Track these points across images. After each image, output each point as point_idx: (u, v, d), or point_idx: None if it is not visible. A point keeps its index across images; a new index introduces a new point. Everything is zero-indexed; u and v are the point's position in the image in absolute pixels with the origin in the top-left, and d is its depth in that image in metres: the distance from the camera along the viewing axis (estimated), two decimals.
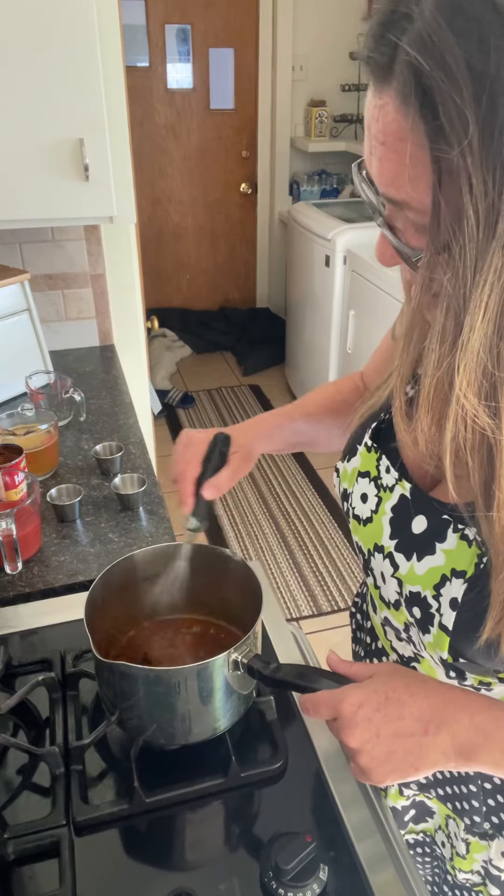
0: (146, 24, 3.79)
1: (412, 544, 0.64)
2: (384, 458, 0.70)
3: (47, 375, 1.59)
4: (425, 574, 0.62)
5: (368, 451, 0.72)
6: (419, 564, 0.63)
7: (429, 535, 0.62)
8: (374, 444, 0.72)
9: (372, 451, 0.72)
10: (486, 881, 0.75)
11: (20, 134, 1.35)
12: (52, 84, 1.32)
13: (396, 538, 0.66)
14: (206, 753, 0.79)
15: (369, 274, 2.83)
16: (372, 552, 0.69)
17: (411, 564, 0.64)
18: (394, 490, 0.67)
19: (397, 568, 0.65)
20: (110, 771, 0.79)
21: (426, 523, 0.63)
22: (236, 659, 0.73)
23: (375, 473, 0.70)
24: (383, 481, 0.69)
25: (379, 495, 0.69)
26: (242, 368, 4.29)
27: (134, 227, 1.88)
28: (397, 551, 0.66)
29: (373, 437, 0.72)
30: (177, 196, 4.30)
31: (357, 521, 0.72)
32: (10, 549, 1.04)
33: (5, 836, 0.70)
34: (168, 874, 0.69)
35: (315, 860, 0.66)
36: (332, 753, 0.81)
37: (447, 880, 0.81)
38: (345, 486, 0.74)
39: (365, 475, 0.71)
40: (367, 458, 0.72)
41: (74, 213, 1.46)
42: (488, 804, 0.72)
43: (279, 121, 4.06)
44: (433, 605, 0.61)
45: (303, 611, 2.46)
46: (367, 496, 0.71)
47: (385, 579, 0.68)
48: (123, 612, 0.86)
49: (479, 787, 0.71)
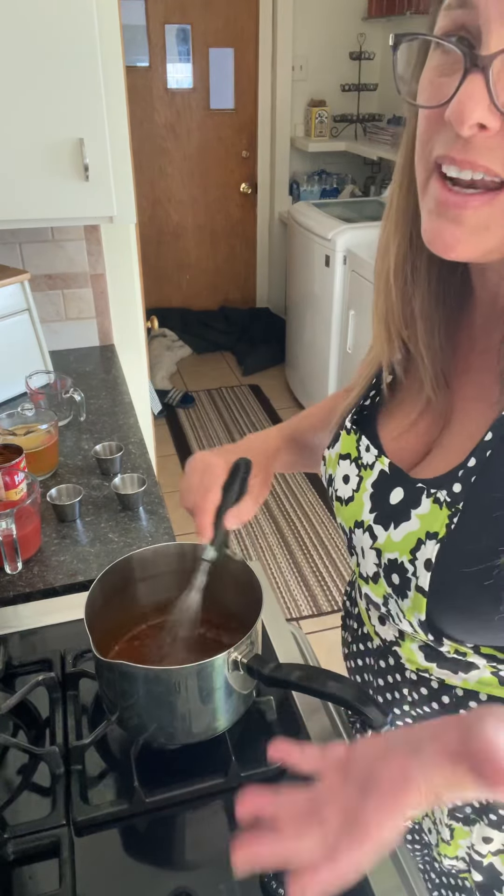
0: (146, 24, 3.79)
1: (390, 514, 0.66)
2: (364, 438, 0.72)
3: (47, 375, 1.59)
4: (402, 540, 0.64)
5: (348, 434, 0.74)
6: (396, 532, 0.65)
7: (405, 503, 0.64)
8: (354, 427, 0.73)
9: (352, 433, 0.73)
10: (470, 868, 0.75)
11: (20, 134, 1.35)
12: (52, 84, 1.32)
13: (376, 511, 0.68)
14: (206, 753, 0.79)
15: (369, 274, 2.83)
16: (353, 529, 0.71)
17: (388, 533, 0.65)
18: (374, 467, 0.69)
19: (376, 539, 0.67)
20: (110, 771, 0.79)
21: (403, 494, 0.65)
22: (236, 659, 0.73)
23: (356, 454, 0.72)
24: (363, 460, 0.71)
25: (360, 474, 0.70)
26: (242, 368, 4.29)
27: (134, 227, 1.88)
28: (376, 523, 0.67)
29: (352, 421, 0.74)
30: (177, 196, 4.30)
31: (340, 502, 0.73)
32: (10, 549, 1.04)
33: (5, 836, 0.70)
34: (168, 874, 0.69)
35: None
36: None
37: (434, 867, 0.82)
38: (329, 472, 0.76)
39: (346, 457, 0.73)
40: (347, 440, 0.74)
41: (74, 213, 1.46)
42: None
43: (279, 121, 4.06)
44: (409, 569, 0.62)
45: (303, 611, 2.46)
46: (348, 477, 0.72)
47: (364, 553, 0.69)
48: (124, 611, 0.86)
49: None
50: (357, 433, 0.73)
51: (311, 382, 3.59)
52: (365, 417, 0.74)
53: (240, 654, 0.73)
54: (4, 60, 1.28)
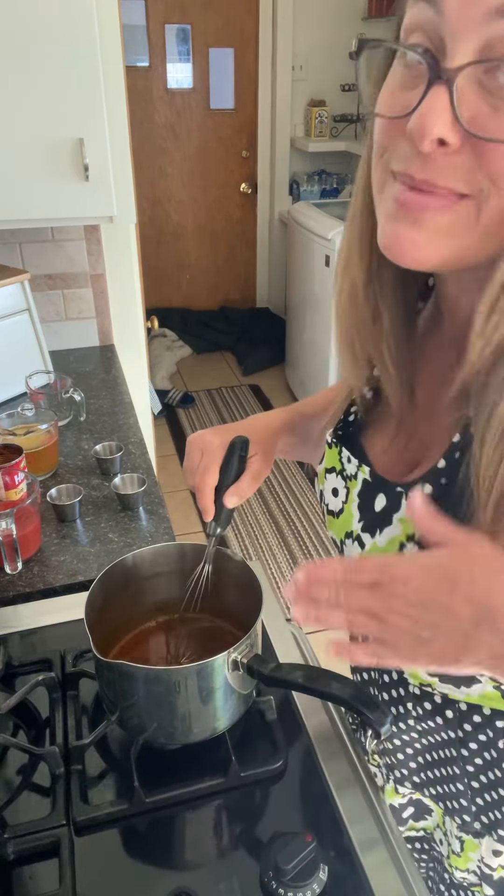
0: (146, 24, 3.79)
1: (375, 521, 0.66)
2: (345, 450, 0.71)
3: (47, 375, 1.59)
4: (386, 545, 0.64)
5: (331, 448, 0.74)
6: (381, 537, 0.65)
7: (387, 509, 0.64)
8: (335, 441, 0.73)
9: (333, 446, 0.73)
10: (481, 882, 0.75)
11: (20, 134, 1.35)
12: (52, 84, 1.32)
13: (363, 520, 0.68)
14: (206, 753, 0.79)
15: None
16: (343, 541, 0.71)
17: (375, 540, 0.66)
18: (357, 477, 0.69)
19: (364, 547, 0.67)
20: (110, 771, 0.79)
21: (385, 500, 0.65)
22: (236, 659, 0.73)
23: (340, 467, 0.72)
24: (347, 472, 0.71)
25: (347, 486, 0.71)
26: (242, 368, 4.29)
27: (134, 227, 1.88)
28: (363, 531, 0.67)
29: (334, 435, 0.74)
30: (177, 196, 4.30)
31: (332, 515, 0.73)
32: (10, 549, 1.04)
33: (5, 836, 0.70)
34: (168, 874, 0.69)
35: (315, 860, 0.66)
36: (332, 753, 0.81)
37: (444, 879, 0.81)
38: (320, 487, 0.76)
39: (332, 471, 0.73)
40: (330, 454, 0.74)
41: (74, 213, 1.46)
42: (477, 803, 0.72)
43: (279, 121, 4.06)
44: None
45: None
46: (337, 490, 0.72)
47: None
48: (124, 611, 0.86)
49: (466, 785, 0.71)
50: (338, 446, 0.73)
51: (311, 382, 3.59)
52: (348, 432, 0.74)
53: (239, 654, 0.73)
54: (4, 61, 1.28)
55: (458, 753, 0.70)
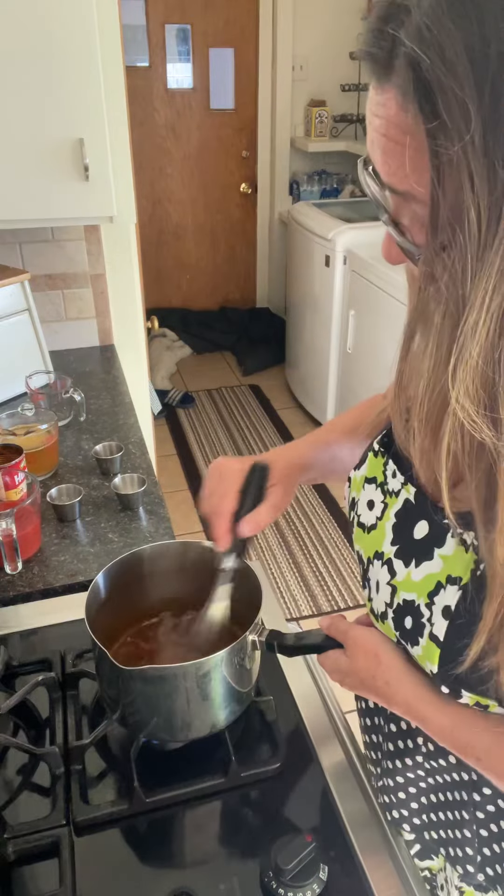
0: (146, 24, 3.79)
1: (412, 550, 0.62)
2: (391, 463, 0.67)
3: (47, 375, 1.59)
4: (421, 581, 0.60)
5: (375, 457, 0.69)
6: (416, 571, 0.61)
7: (429, 540, 0.60)
8: (381, 449, 0.69)
9: (379, 455, 0.69)
10: None
11: (20, 134, 1.35)
12: (52, 84, 1.32)
13: (398, 544, 0.64)
14: (206, 753, 0.79)
15: (369, 274, 2.83)
16: (371, 560, 0.67)
17: (409, 571, 0.62)
18: (399, 494, 0.65)
19: (394, 575, 0.63)
20: (110, 771, 0.79)
21: (427, 529, 0.61)
22: (254, 639, 0.74)
23: (382, 479, 0.68)
24: (389, 486, 0.66)
25: (385, 501, 0.67)
26: (242, 368, 4.29)
27: (134, 227, 1.88)
28: (396, 557, 0.64)
29: (381, 443, 0.69)
30: (177, 196, 4.30)
31: (361, 528, 0.69)
32: (10, 549, 1.04)
33: (5, 836, 0.70)
34: (168, 874, 0.69)
35: (315, 860, 0.66)
36: (332, 753, 0.81)
37: None
38: (353, 495, 0.72)
39: (372, 481, 0.69)
40: (374, 463, 0.69)
41: (74, 212, 1.46)
42: (483, 853, 0.68)
43: (279, 121, 4.06)
44: (425, 613, 0.59)
45: (303, 611, 2.46)
46: (373, 503, 0.68)
47: (379, 588, 0.66)
48: (125, 608, 0.86)
49: (474, 833, 0.68)
50: (384, 456, 0.68)
51: (311, 382, 3.58)
52: (394, 441, 0.68)
53: (256, 635, 0.75)
54: (4, 61, 1.28)
55: (470, 798, 0.66)
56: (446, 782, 0.69)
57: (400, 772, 0.72)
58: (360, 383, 3.08)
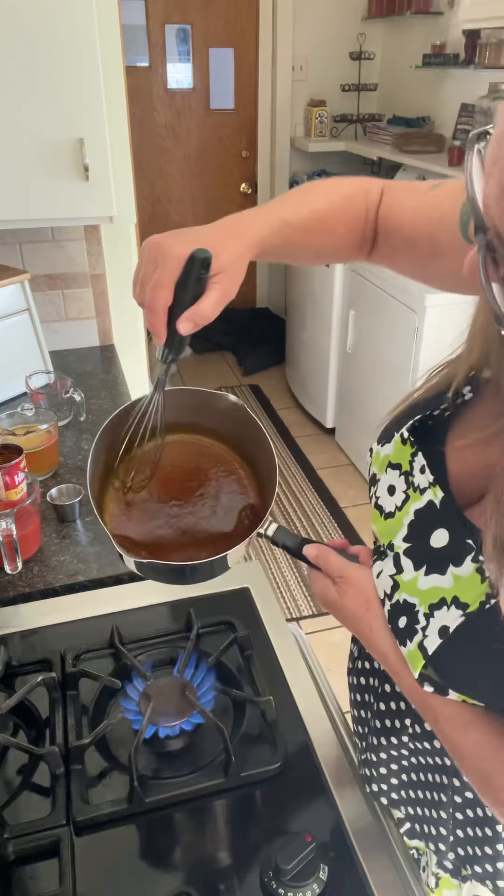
0: (146, 24, 3.79)
1: (425, 556, 0.59)
2: (420, 456, 0.62)
3: (47, 375, 1.59)
4: (427, 591, 0.58)
5: (403, 444, 0.64)
6: (424, 579, 0.58)
7: (446, 554, 0.56)
8: (411, 438, 0.64)
9: (407, 444, 0.64)
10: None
11: (20, 134, 1.35)
12: (52, 84, 1.32)
13: (410, 542, 0.61)
14: (206, 754, 0.79)
15: (369, 274, 2.83)
16: (385, 548, 0.65)
17: (416, 575, 0.59)
18: (424, 493, 0.60)
19: (400, 571, 0.61)
20: (110, 771, 0.79)
21: (447, 540, 0.57)
22: (261, 532, 0.72)
23: (407, 468, 0.63)
24: (415, 480, 0.62)
25: (407, 493, 0.63)
26: (242, 368, 4.29)
27: (134, 227, 1.88)
28: (406, 556, 0.61)
29: (411, 430, 0.64)
30: (177, 196, 4.30)
31: (379, 511, 0.66)
32: (10, 549, 1.04)
33: (5, 836, 0.70)
34: (168, 874, 0.69)
35: (315, 860, 0.66)
36: (332, 753, 0.81)
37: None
38: (374, 471, 0.69)
39: (396, 467, 0.65)
40: (400, 449, 0.65)
41: (74, 213, 1.46)
42: (457, 835, 0.69)
43: (279, 121, 4.06)
44: (422, 622, 0.57)
45: (303, 611, 2.46)
46: (394, 489, 0.65)
47: (381, 576, 0.64)
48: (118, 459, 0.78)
49: (450, 815, 0.68)
50: (414, 446, 0.63)
51: (311, 382, 3.59)
52: (429, 431, 0.63)
53: (264, 529, 0.73)
54: (4, 61, 1.28)
55: (450, 782, 0.67)
56: (428, 764, 0.69)
57: (384, 749, 0.73)
58: (360, 383, 3.08)
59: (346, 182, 0.78)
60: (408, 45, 3.59)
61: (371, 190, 0.77)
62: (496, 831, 0.65)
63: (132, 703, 0.81)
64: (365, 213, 0.77)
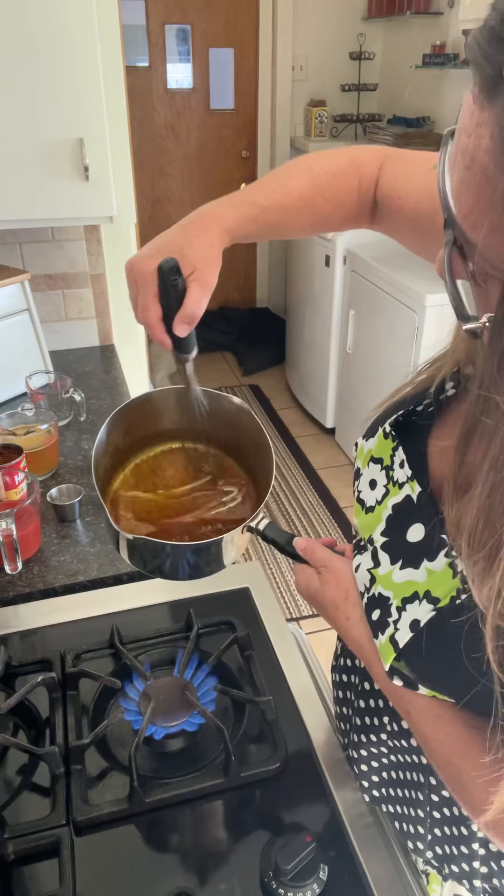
0: (146, 24, 3.79)
1: (401, 550, 0.60)
2: (400, 451, 0.63)
3: (47, 375, 1.59)
4: (402, 584, 0.58)
5: (385, 438, 0.66)
6: (400, 573, 0.59)
7: (420, 548, 0.58)
8: (393, 433, 0.65)
9: (389, 438, 0.65)
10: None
11: (20, 134, 1.35)
12: (52, 84, 1.32)
13: (387, 537, 0.62)
14: (206, 754, 0.79)
15: (369, 274, 2.83)
16: (365, 542, 0.66)
17: (392, 569, 0.60)
18: (403, 488, 0.61)
19: (378, 565, 0.62)
20: (110, 771, 0.79)
21: (422, 535, 0.58)
22: (251, 526, 0.73)
23: (388, 463, 0.64)
24: (395, 475, 0.63)
25: (387, 487, 0.64)
26: (242, 368, 4.29)
27: (134, 227, 1.88)
28: (383, 549, 0.62)
29: (394, 425, 0.65)
30: (177, 196, 4.30)
31: (361, 505, 0.68)
32: (10, 549, 1.04)
33: (5, 836, 0.70)
34: (168, 874, 0.69)
35: (315, 860, 0.66)
36: (332, 753, 0.81)
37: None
38: (358, 465, 0.70)
39: (377, 461, 0.66)
40: (382, 444, 0.66)
41: (74, 213, 1.46)
42: (434, 833, 0.69)
43: (279, 121, 4.06)
44: (394, 616, 0.58)
45: (303, 611, 2.46)
46: (375, 483, 0.66)
47: (360, 570, 0.65)
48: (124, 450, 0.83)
49: (427, 813, 0.69)
50: (395, 441, 0.64)
51: (311, 382, 3.59)
52: (412, 426, 0.64)
53: (255, 523, 0.73)
54: (4, 61, 1.28)
55: (426, 780, 0.67)
56: (406, 762, 0.70)
57: (364, 745, 0.74)
58: (359, 383, 3.08)
59: (336, 155, 0.80)
60: (408, 45, 3.60)
61: (365, 163, 0.79)
62: (471, 830, 0.66)
63: (132, 703, 0.82)
64: (357, 187, 0.78)
